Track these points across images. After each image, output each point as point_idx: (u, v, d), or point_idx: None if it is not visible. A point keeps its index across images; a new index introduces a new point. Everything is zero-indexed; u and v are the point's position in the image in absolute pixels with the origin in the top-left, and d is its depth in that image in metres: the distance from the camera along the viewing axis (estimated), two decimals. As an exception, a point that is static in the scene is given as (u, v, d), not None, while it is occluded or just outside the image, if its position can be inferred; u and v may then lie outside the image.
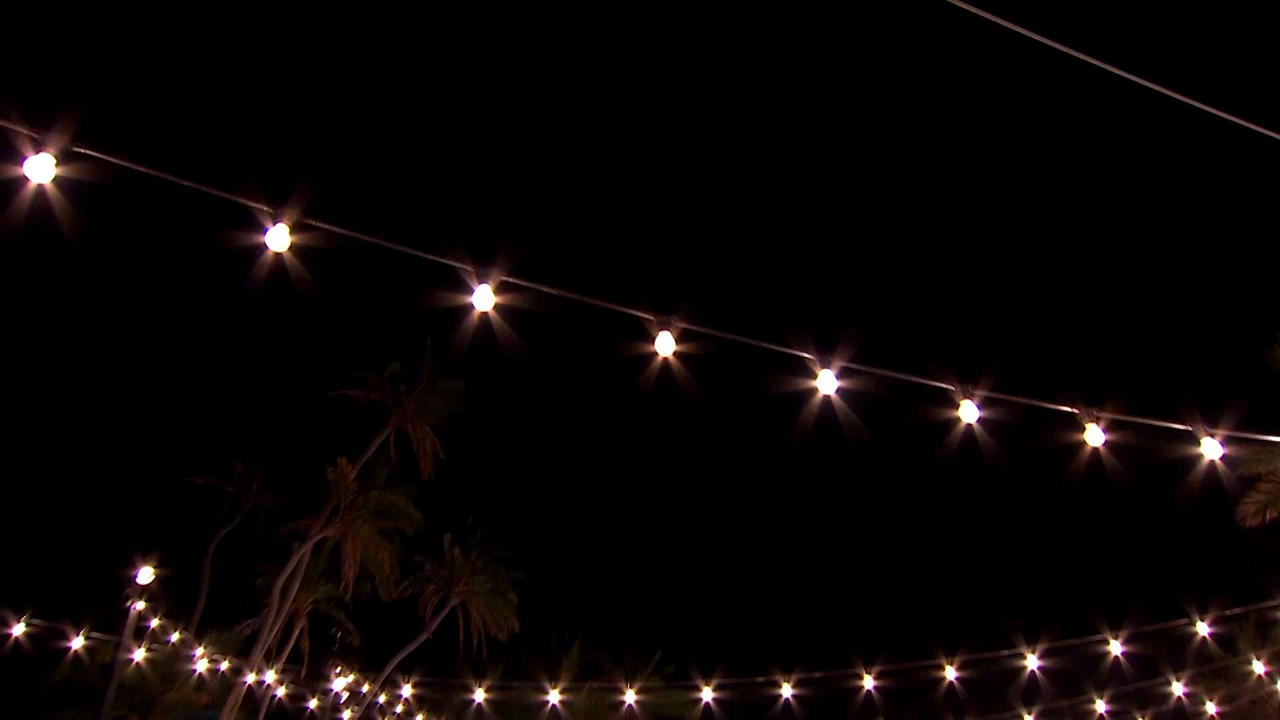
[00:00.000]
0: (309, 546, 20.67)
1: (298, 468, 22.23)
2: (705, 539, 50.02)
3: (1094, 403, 7.48)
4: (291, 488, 22.25)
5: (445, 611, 23.43)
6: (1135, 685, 12.15)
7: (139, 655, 15.78)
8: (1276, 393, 13.73)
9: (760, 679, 13.48)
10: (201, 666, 18.39)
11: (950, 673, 11.34)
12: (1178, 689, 11.81)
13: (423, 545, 23.44)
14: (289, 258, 5.63)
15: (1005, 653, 11.30)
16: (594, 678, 20.25)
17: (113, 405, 30.40)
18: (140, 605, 17.08)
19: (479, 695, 16.57)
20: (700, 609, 43.01)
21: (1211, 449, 7.33)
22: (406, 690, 19.90)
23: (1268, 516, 13.73)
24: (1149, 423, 7.33)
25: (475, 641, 23.38)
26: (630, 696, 14.48)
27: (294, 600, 20.67)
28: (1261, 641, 11.28)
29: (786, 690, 12.81)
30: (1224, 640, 11.61)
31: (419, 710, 20.39)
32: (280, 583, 20.42)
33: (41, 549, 23.24)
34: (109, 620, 16.90)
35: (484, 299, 5.95)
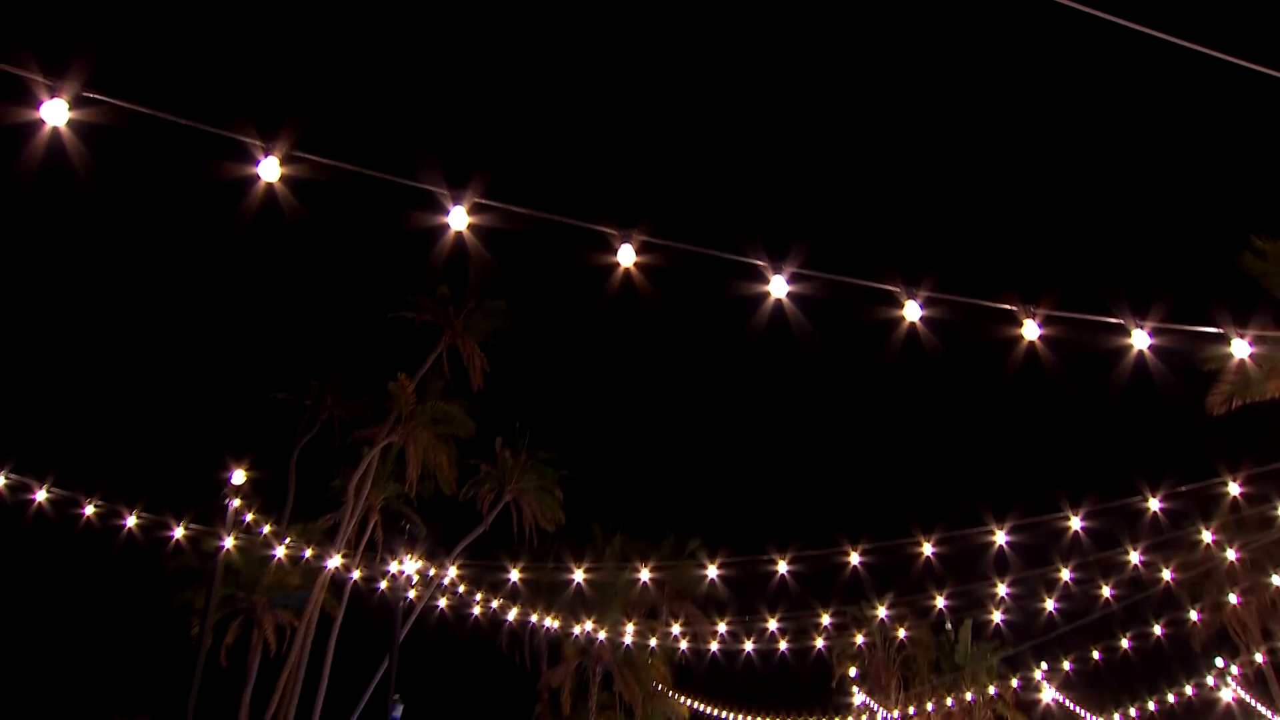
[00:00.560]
0: (377, 451, 22.06)
1: (365, 383, 23.20)
2: (715, 434, 51.60)
3: (1031, 300, 7.80)
4: (360, 400, 23.33)
5: (499, 507, 24.89)
6: (1096, 556, 12.66)
7: (232, 543, 17.14)
8: (1249, 296, 13.76)
9: (761, 557, 14.20)
10: (281, 553, 19.71)
11: (927, 549, 11.99)
12: (1135, 558, 12.31)
13: (477, 449, 24.75)
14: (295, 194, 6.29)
15: (976, 529, 11.87)
16: (631, 561, 21.33)
17: (205, 335, 32.44)
18: (236, 503, 18.55)
19: (514, 575, 17.64)
20: (713, 497, 44.79)
21: (1141, 340, 7.63)
22: (452, 571, 21.04)
23: (1233, 405, 13.94)
24: (1082, 317, 7.57)
25: (526, 532, 25.00)
26: (645, 574, 15.26)
27: (366, 498, 22.15)
28: (1209, 514, 11.66)
29: (783, 566, 13.56)
30: (1175, 514, 11.89)
31: (478, 590, 21.68)
32: (354, 483, 21.91)
33: (152, 457, 25.30)
34: (211, 516, 18.18)
35: (459, 219, 6.28)
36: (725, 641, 20.45)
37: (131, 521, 16.26)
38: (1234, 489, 10.45)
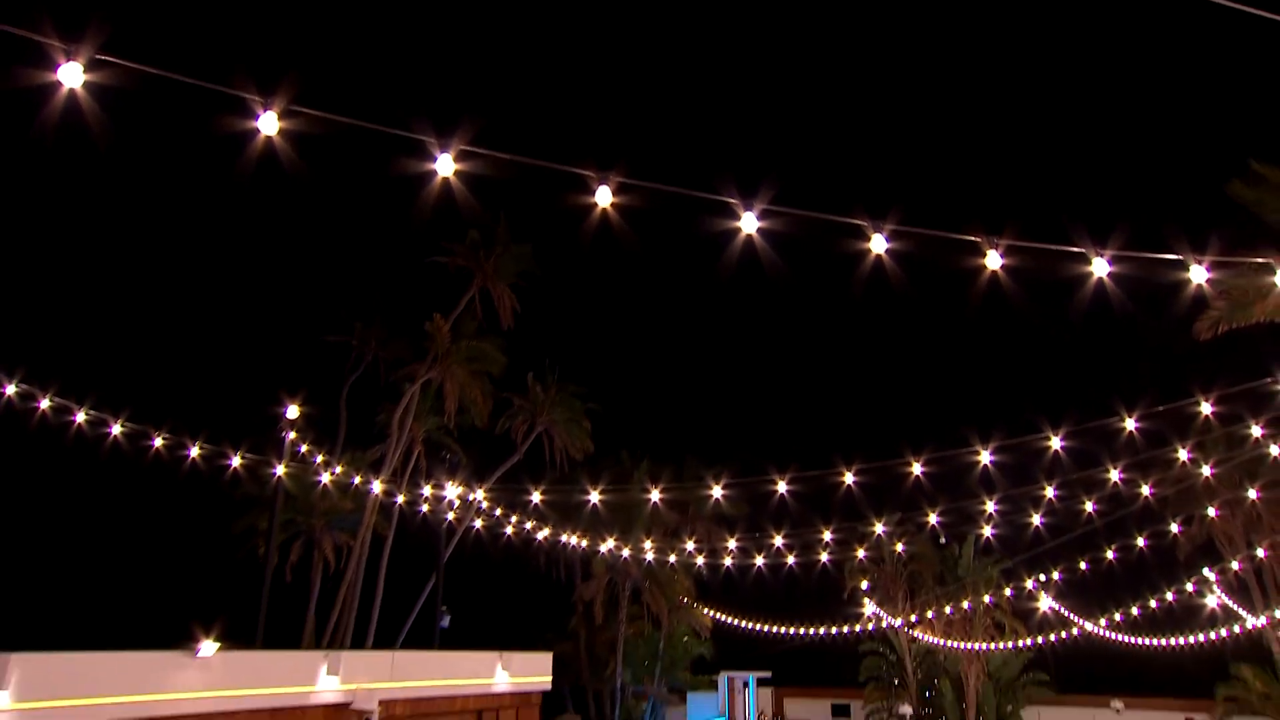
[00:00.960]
0: (417, 387, 22.85)
1: (405, 325, 23.74)
2: (722, 364, 52.37)
3: (994, 231, 7.97)
4: (401, 341, 23.93)
5: (532, 437, 25.79)
6: (1078, 474, 13.02)
7: (282, 470, 17.94)
8: (1246, 223, 13.69)
9: (765, 478, 14.73)
10: (327, 478, 20.55)
11: (916, 468, 12.43)
12: (1115, 475, 12.66)
13: (509, 384, 25.50)
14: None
15: (963, 450, 12.25)
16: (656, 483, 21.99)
17: (261, 286, 33.57)
18: (292, 435, 19.58)
19: (543, 498, 18.40)
20: (727, 423, 45.74)
21: (1100, 267, 7.84)
22: (480, 494, 21.85)
23: (1220, 330, 13.99)
24: (1045, 246, 7.74)
25: (558, 460, 25.96)
26: (655, 495, 15.78)
27: (410, 430, 23.04)
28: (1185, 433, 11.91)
29: (782, 486, 14.10)
30: (1152, 434, 12.08)
31: (514, 513, 22.60)
32: (397, 416, 22.81)
33: (214, 395, 26.58)
34: (271, 448, 19.08)
35: (445, 166, 6.49)
36: (737, 557, 21.21)
37: (195, 452, 17.02)
38: (1206, 409, 10.67)
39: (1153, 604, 20.30)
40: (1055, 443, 11.81)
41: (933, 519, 15.31)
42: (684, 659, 30.40)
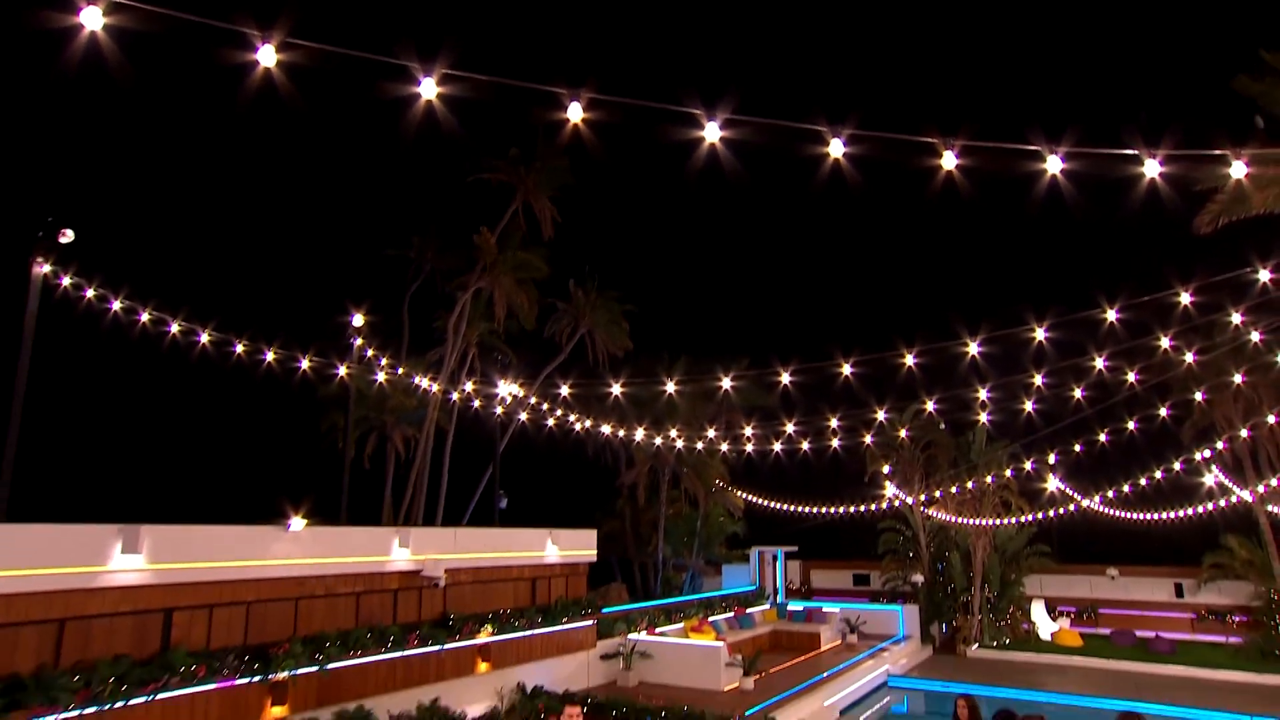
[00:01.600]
0: (469, 295, 23.65)
1: (457, 237, 24.41)
2: (747, 263, 52.12)
3: (949, 133, 7.80)
4: (454, 253, 24.66)
5: (575, 339, 26.64)
6: (1065, 363, 13.16)
7: (346, 372, 18.71)
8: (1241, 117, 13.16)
9: (768, 370, 15.08)
10: (382, 377, 21.42)
11: (910, 359, 12.74)
12: (1099, 363, 12.80)
13: (553, 290, 26.20)
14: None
15: (952, 342, 12.46)
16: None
17: (325, 206, 34.28)
18: (359, 341, 20.62)
19: (564, 389, 19.01)
20: (758, 319, 46.04)
21: (1054, 164, 7.88)
22: (519, 388, 22.69)
23: (1220, 223, 13.69)
24: (997, 145, 7.70)
25: (600, 359, 26.86)
26: (670, 386, 16.22)
27: (464, 335, 24.13)
28: (1166, 321, 11.86)
29: (785, 377, 14.52)
30: (1134, 324, 12.06)
31: (561, 407, 23.55)
32: (452, 322, 23.74)
33: (286, 306, 27.70)
34: (346, 353, 19.97)
35: (429, 90, 6.49)
36: (764, 444, 21.85)
37: (270, 357, 17.51)
38: (1185, 299, 10.67)
39: (1143, 482, 20.63)
40: (1040, 334, 11.68)
41: (930, 405, 15.56)
42: (719, 536, 31.88)
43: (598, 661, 17.70)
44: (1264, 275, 10.18)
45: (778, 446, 20.59)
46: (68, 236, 11.13)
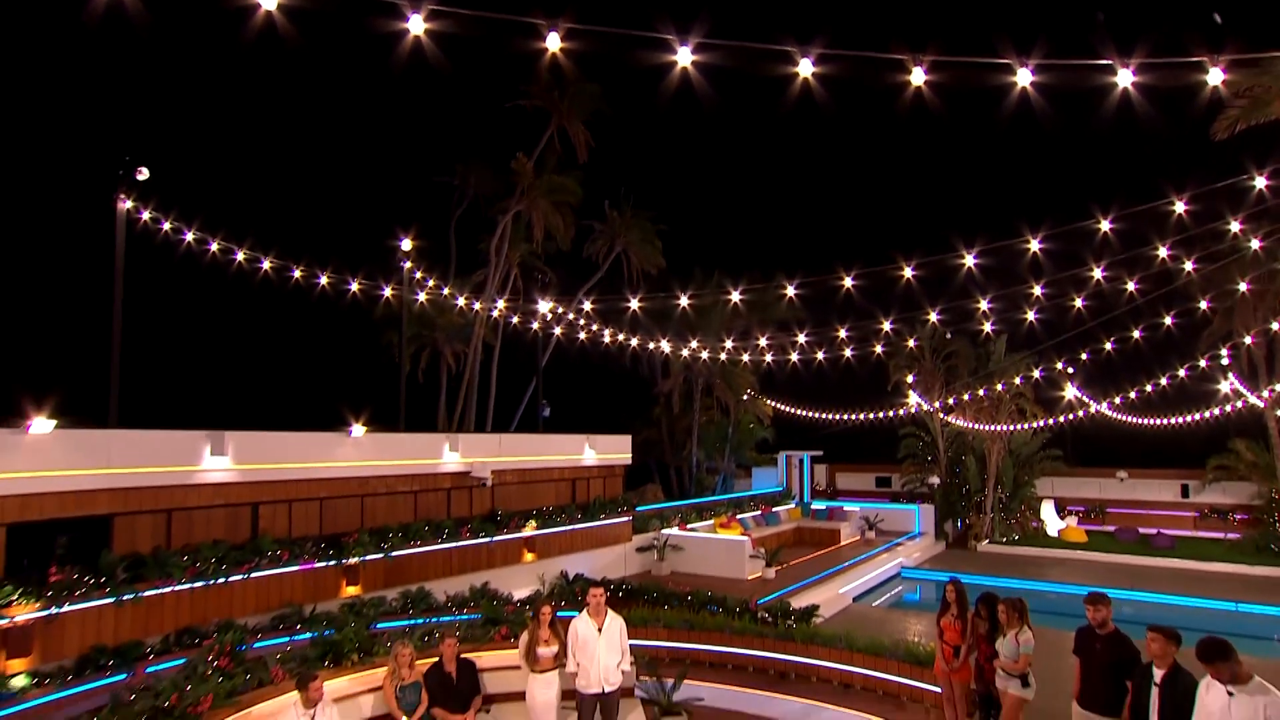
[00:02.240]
0: (509, 218, 24.01)
1: (496, 164, 24.60)
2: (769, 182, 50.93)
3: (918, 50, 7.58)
4: (495, 179, 25.00)
5: (611, 258, 27.03)
6: (1062, 274, 13.07)
7: (389, 293, 19.42)
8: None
9: (772, 284, 15.21)
10: (412, 298, 22.16)
11: (908, 271, 12.81)
12: (1098, 273, 12.73)
13: (589, 212, 26.46)
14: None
15: (948, 254, 12.45)
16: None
17: (376, 138, 34.57)
18: (409, 264, 21.27)
19: (586, 304, 19.19)
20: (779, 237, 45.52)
21: (1024, 77, 7.64)
22: (588, 306, 23.22)
23: (1237, 129, 13.19)
24: (964, 60, 6.97)
25: (634, 277, 27.26)
26: (684, 300, 16.18)
27: (506, 256, 24.65)
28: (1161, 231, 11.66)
29: (790, 289, 14.67)
30: (1126, 234, 11.85)
31: (600, 322, 23.98)
32: (494, 244, 24.23)
33: (339, 232, 28.50)
34: (399, 276, 20.57)
35: (416, 25, 6.48)
36: (784, 352, 22.22)
37: (324, 280, 18.12)
38: (1180, 207, 10.49)
39: (1163, 382, 20.38)
40: (1034, 245, 11.58)
41: (933, 316, 15.54)
42: (749, 441, 32.78)
43: (634, 553, 18.92)
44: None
45: (795, 357, 20.96)
46: (144, 174, 11.87)
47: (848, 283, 13.20)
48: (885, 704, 9.09)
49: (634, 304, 17.38)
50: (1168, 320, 16.50)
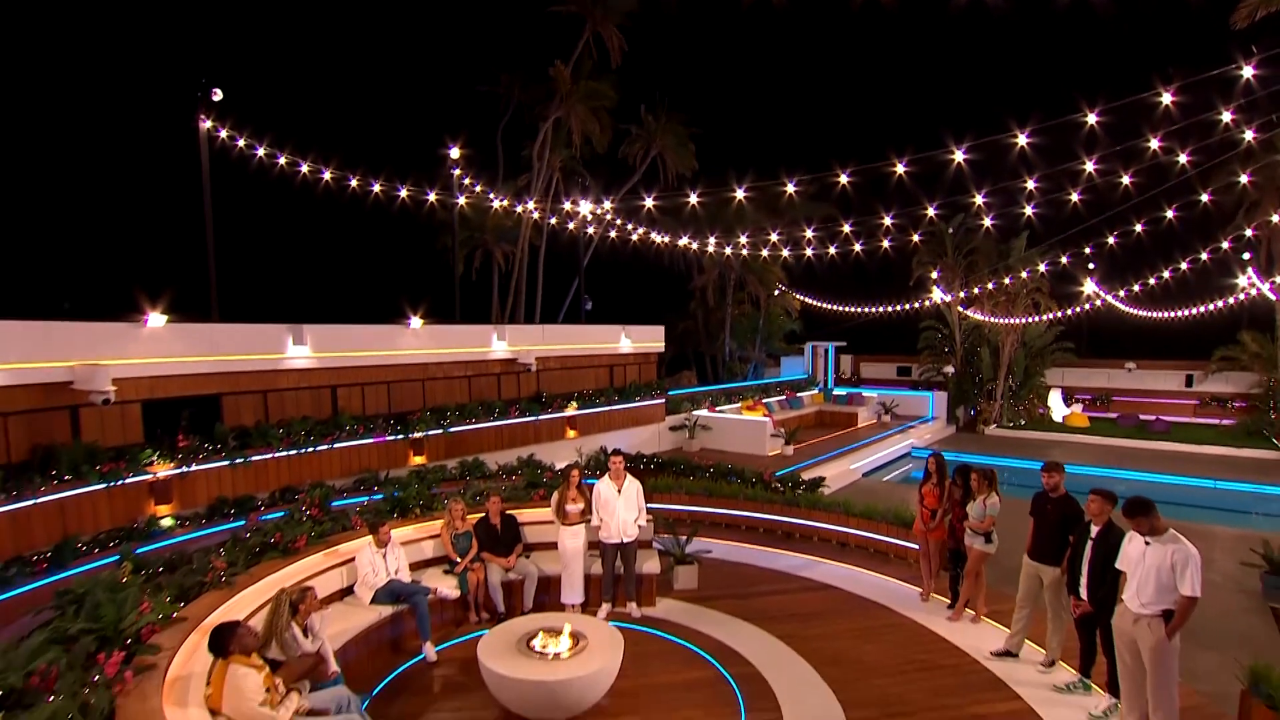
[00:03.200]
0: (549, 124, 23.75)
1: (538, 71, 24.12)
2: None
3: None
4: (537, 87, 24.61)
5: (647, 161, 26.63)
6: (1056, 168, 12.53)
7: (433, 197, 19.65)
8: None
9: (775, 181, 14.89)
10: (462, 201, 22.49)
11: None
12: (1089, 166, 12.22)
13: (625, 117, 25.96)
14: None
15: (939, 151, 12.02)
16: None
17: (421, 51, 33.75)
18: (457, 171, 21.45)
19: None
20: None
21: None
22: (607, 204, 23.26)
23: (1257, 16, 12.20)
24: None
25: (670, 179, 26.91)
26: (740, 192, 15.90)
27: (548, 161, 24.59)
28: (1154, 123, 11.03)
29: (790, 186, 14.35)
30: (1114, 127, 11.22)
31: (637, 222, 24.05)
32: (535, 150, 24.21)
33: (390, 141, 28.63)
34: (447, 182, 20.83)
35: None
36: (815, 246, 21.92)
37: (377, 188, 18.54)
38: (1167, 98, 9.94)
39: (1175, 270, 19.68)
40: (1022, 139, 11.08)
41: (931, 210, 15.05)
42: (779, 333, 33.06)
43: (667, 432, 19.85)
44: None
45: (808, 251, 20.78)
46: (218, 95, 12.24)
47: (900, 169, 12.34)
48: (875, 559, 9.85)
49: (644, 202, 17.16)
50: (1169, 214, 15.68)
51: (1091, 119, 10.70)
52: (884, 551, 10.03)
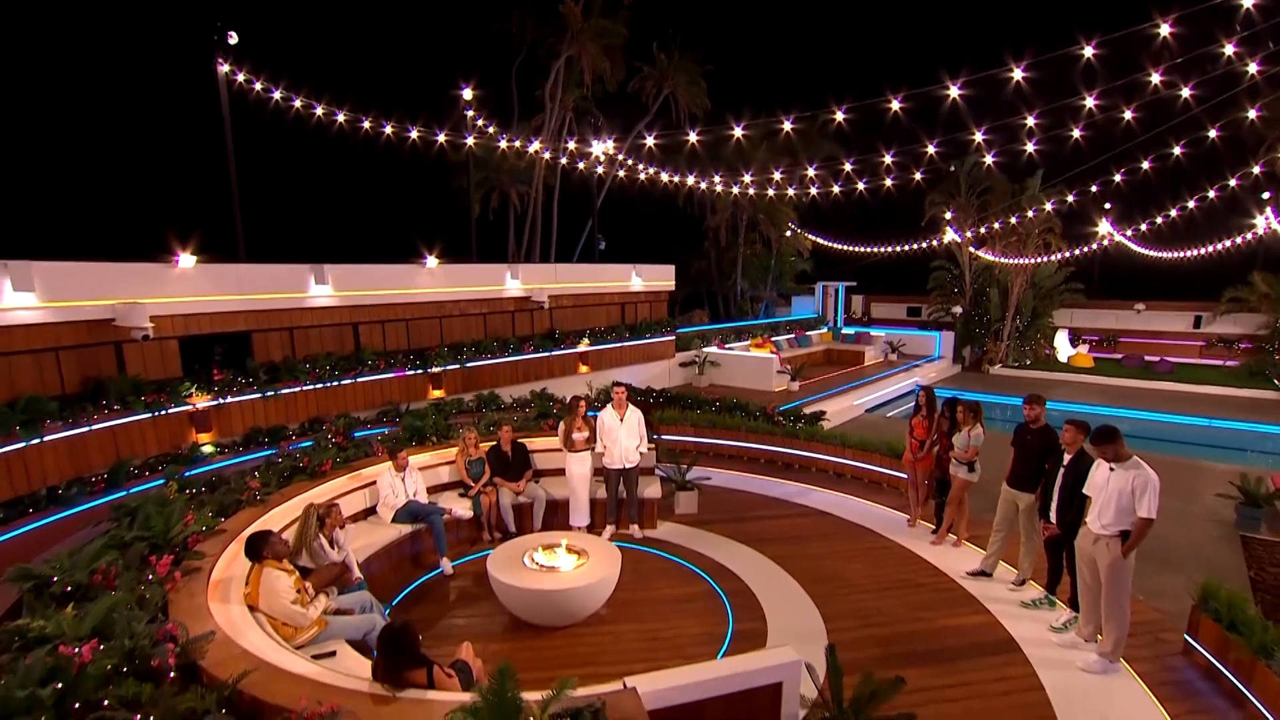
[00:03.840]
0: (561, 62, 23.11)
1: (546, 9, 23.37)
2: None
3: None
4: (547, 24, 23.87)
5: (660, 100, 25.95)
6: (1055, 104, 12.12)
7: (441, 138, 19.51)
8: None
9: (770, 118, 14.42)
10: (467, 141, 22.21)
11: (895, 104, 12.14)
12: (1089, 102, 11.86)
13: (638, 53, 25.20)
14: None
15: (933, 86, 11.67)
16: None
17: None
18: (470, 112, 21.16)
19: (649, 139, 18.67)
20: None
21: None
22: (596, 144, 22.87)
23: None
24: None
25: (682, 117, 26.29)
26: (739, 130, 15.47)
27: (560, 101, 24.10)
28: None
29: (786, 124, 13.99)
30: (1109, 61, 10.80)
31: (650, 162, 23.63)
32: (548, 89, 23.73)
33: (411, 84, 28.13)
34: (460, 122, 20.55)
35: None
36: (825, 184, 21.50)
37: (388, 129, 18.41)
38: (1165, 29, 9.51)
39: (1174, 213, 19.07)
40: (1017, 73, 10.81)
41: (930, 148, 14.63)
42: (790, 272, 32.83)
43: (677, 368, 20.17)
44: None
45: (811, 190, 20.38)
46: (233, 38, 12.21)
47: (894, 105, 12.10)
48: (869, 489, 10.20)
49: (693, 138, 16.76)
50: (1176, 151, 15.09)
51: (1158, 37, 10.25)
52: (877, 481, 10.37)
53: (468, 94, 19.52)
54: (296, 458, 7.73)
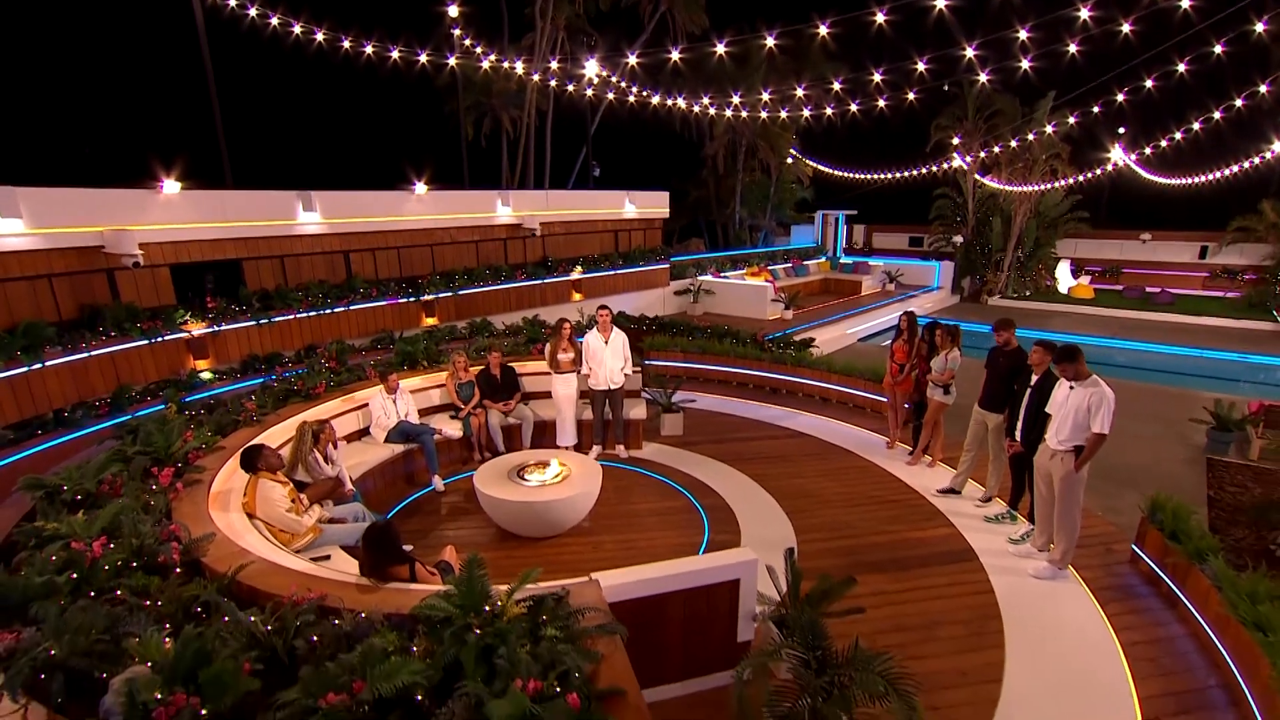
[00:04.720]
0: (553, -19, 22.37)
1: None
2: None
3: None
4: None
5: (656, 17, 24.99)
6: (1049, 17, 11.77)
7: (435, 62, 18.92)
8: None
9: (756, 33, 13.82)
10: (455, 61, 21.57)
11: (881, 16, 11.79)
12: (1073, 49, 11.57)
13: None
14: None
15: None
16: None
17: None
18: (458, 31, 20.38)
19: (632, 58, 18.01)
20: None
21: None
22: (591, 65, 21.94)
23: None
24: None
25: (678, 35, 25.40)
26: (722, 47, 14.88)
27: (552, 19, 23.15)
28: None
29: (770, 40, 13.52)
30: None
31: (645, 85, 22.93)
32: (538, 7, 22.69)
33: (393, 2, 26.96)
34: (444, 43, 19.85)
35: None
36: (834, 103, 20.85)
37: (369, 49, 17.73)
38: None
39: (1179, 136, 18.48)
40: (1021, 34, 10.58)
41: (920, 65, 14.19)
42: (790, 201, 32.43)
43: (671, 296, 20.29)
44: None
45: (814, 112, 19.86)
46: (202, -51, 11.78)
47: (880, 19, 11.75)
48: (853, 413, 10.55)
49: (675, 56, 16.11)
50: (1175, 65, 14.49)
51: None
52: (861, 406, 10.71)
53: (453, 10, 18.77)
54: (291, 382, 8.04)
